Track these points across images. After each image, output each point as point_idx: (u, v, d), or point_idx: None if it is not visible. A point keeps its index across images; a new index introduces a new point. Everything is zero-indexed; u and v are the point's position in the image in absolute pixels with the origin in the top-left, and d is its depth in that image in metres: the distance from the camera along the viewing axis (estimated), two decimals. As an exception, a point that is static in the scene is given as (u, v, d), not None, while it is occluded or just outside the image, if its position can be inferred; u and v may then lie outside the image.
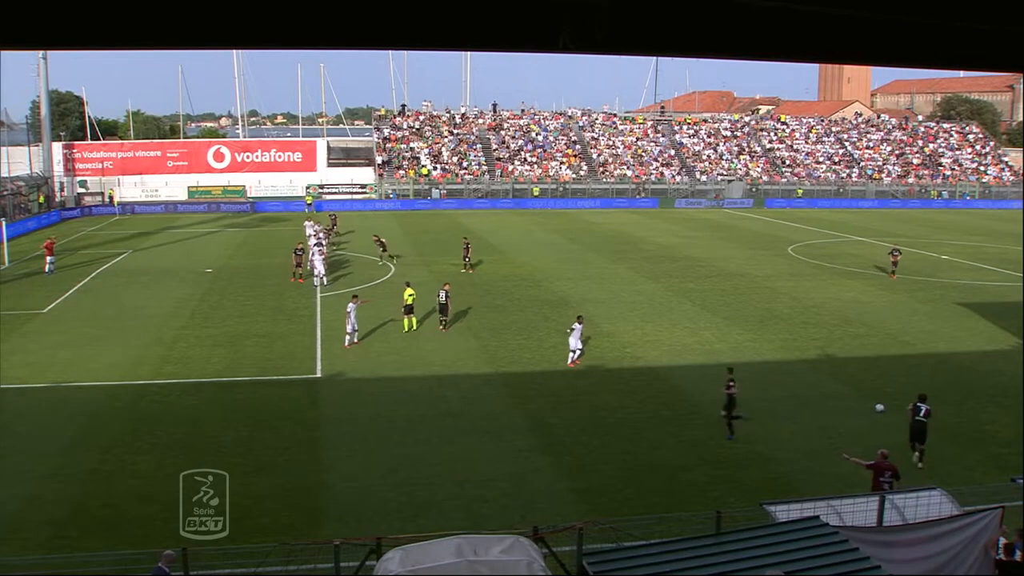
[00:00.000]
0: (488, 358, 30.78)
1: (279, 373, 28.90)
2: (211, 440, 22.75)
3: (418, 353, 31.37)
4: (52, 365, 29.82)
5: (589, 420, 24.53)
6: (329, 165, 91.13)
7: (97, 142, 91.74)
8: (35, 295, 41.77)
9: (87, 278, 46.35)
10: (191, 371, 29.08)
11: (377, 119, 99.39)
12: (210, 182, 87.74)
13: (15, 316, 37.49)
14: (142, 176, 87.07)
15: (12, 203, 71.27)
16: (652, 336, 33.81)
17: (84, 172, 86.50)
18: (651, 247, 58.57)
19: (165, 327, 35.32)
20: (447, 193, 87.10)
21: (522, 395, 26.67)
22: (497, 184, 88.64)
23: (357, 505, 19.12)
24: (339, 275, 46.36)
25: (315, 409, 25.45)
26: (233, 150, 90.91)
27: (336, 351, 31.53)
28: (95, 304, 40.05)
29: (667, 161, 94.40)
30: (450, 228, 65.86)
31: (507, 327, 35.24)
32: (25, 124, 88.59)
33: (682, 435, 23.52)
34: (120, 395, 26.72)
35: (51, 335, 34.23)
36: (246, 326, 35.45)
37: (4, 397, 26.57)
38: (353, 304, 32.50)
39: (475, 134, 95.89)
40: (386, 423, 24.09)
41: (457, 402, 25.99)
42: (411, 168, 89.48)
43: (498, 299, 40.65)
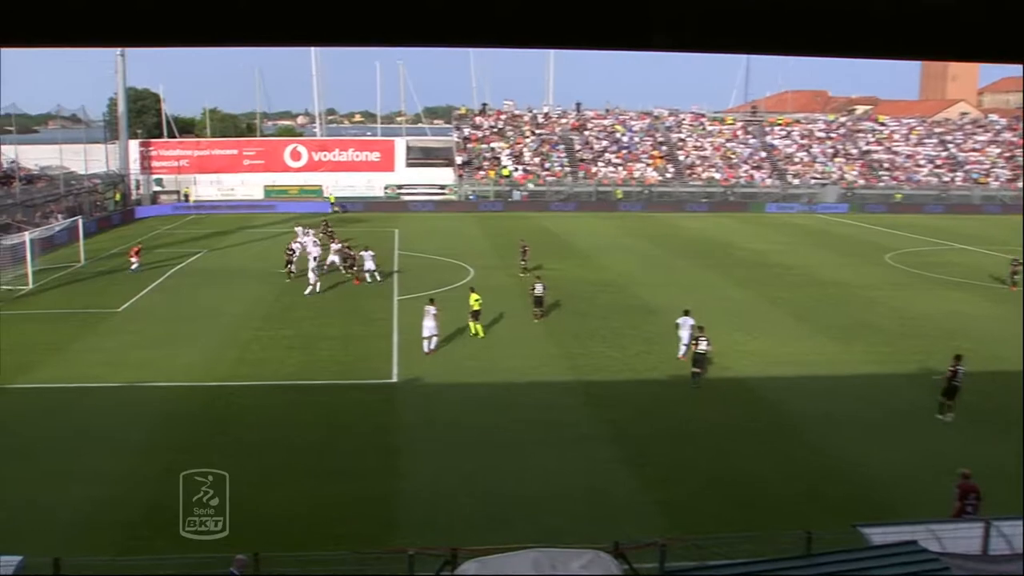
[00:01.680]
0: (569, 365, 30.81)
1: (354, 377, 29.35)
2: (285, 444, 23.20)
3: (498, 359, 31.55)
4: (128, 364, 30.76)
5: (674, 431, 24.39)
6: (408, 165, 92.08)
7: (174, 140, 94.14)
8: (111, 294, 43.09)
9: (162, 277, 47.65)
10: (266, 373, 29.72)
11: (457, 118, 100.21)
12: (287, 181, 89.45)
13: (91, 315, 38.75)
14: (218, 175, 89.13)
15: (89, 201, 73.67)
16: (741, 346, 33.46)
17: (160, 170, 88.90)
18: (741, 253, 57.97)
19: (240, 328, 36.15)
20: (529, 195, 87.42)
21: (604, 404, 26.64)
22: (580, 186, 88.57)
23: (432, 514, 19.29)
24: (413, 279, 46.86)
25: (391, 414, 25.79)
26: (310, 149, 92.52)
27: (413, 355, 31.88)
28: (170, 304, 41.18)
29: (758, 163, 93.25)
30: (532, 231, 65.97)
31: (590, 334, 35.22)
32: (103, 121, 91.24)
33: (771, 449, 23.24)
34: (195, 396, 27.45)
35: (126, 334, 35.29)
36: (321, 328, 36.07)
37: (80, 396, 27.49)
38: (432, 308, 32.91)
39: (558, 134, 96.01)
40: (463, 430, 24.31)
41: (537, 410, 26.08)
42: (492, 169, 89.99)
43: (581, 304, 40.63)
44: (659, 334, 35.02)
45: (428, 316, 32.46)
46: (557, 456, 22.55)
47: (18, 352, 32.27)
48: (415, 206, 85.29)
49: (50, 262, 51.25)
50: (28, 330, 36.01)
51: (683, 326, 31.54)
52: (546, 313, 38.37)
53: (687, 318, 31.69)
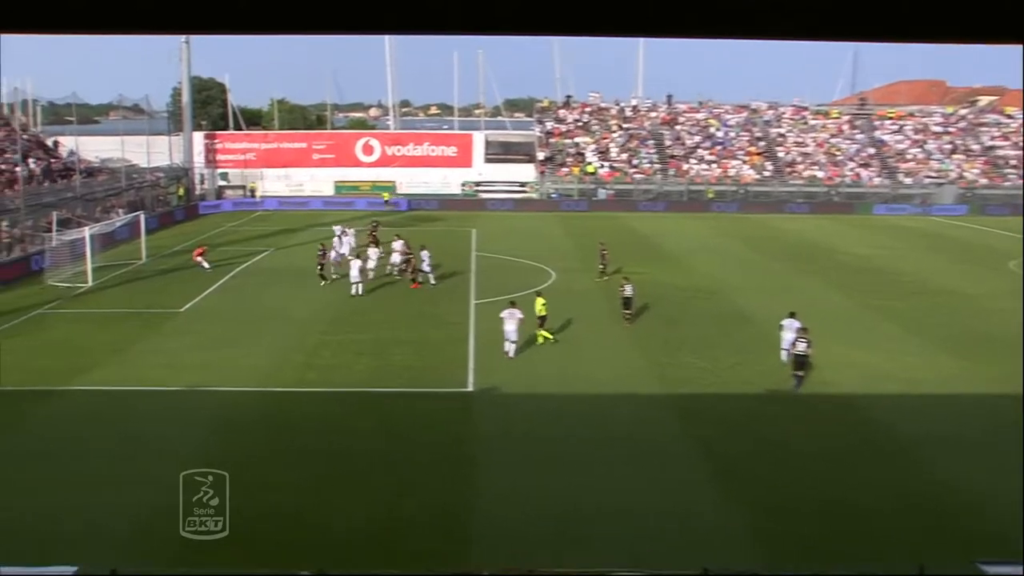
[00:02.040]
0: (657, 377, 30.63)
1: (428, 385, 29.55)
2: (354, 455, 23.44)
3: (580, 369, 31.49)
4: (188, 367, 31.42)
5: (770, 452, 24.07)
6: (486, 161, 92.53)
7: (240, 132, 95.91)
8: (173, 293, 44.08)
9: (226, 277, 48.60)
10: (334, 379, 30.10)
11: (539, 111, 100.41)
12: (358, 177, 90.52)
13: (152, 315, 39.69)
14: (286, 169, 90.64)
15: (151, 196, 75.45)
16: (845, 359, 32.87)
17: (226, 164, 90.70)
18: (845, 257, 57.04)
19: (307, 331, 36.67)
20: (615, 194, 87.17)
21: (695, 420, 26.42)
22: (670, 184, 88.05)
23: (509, 533, 19.31)
24: (489, 281, 47.01)
25: (466, 425, 25.90)
26: (383, 143, 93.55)
27: (490, 363, 32.00)
28: (234, 305, 41.98)
29: (865, 161, 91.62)
30: (617, 232, 65.75)
31: (679, 343, 34.99)
32: (166, 112, 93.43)
33: (878, 474, 22.76)
34: (259, 402, 27.90)
35: (188, 335, 36.05)
36: (393, 332, 36.41)
37: (139, 399, 28.15)
38: (512, 312, 33.07)
39: (647, 129, 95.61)
40: (543, 444, 24.29)
41: (622, 424, 25.97)
42: (576, 166, 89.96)
43: (671, 311, 40.39)
44: (754, 344, 34.69)
45: (511, 320, 32.79)
46: (642, 474, 22.41)
47: (76, 353, 33.21)
48: (493, 204, 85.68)
49: (110, 259, 52.61)
50: (86, 330, 37.01)
51: (787, 328, 31.49)
52: (635, 317, 38.46)
53: (793, 320, 31.68)
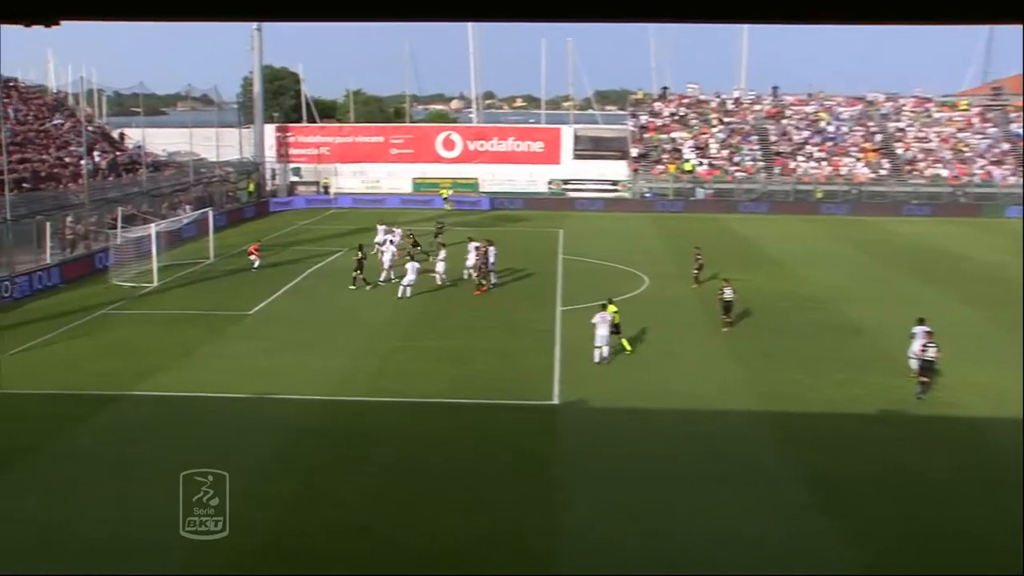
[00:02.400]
0: (758, 392, 30.33)
1: (510, 396, 29.63)
2: (428, 469, 23.62)
3: (674, 382, 31.33)
4: (256, 373, 31.95)
5: (882, 477, 23.60)
6: (575, 157, 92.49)
7: (313, 125, 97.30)
8: (241, 294, 44.89)
9: (298, 278, 49.33)
10: (410, 389, 30.31)
11: (633, 104, 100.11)
12: (438, 173, 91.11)
13: (219, 317, 40.46)
14: (362, 164, 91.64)
15: (220, 191, 76.84)
16: (971, 378, 32.13)
17: (298, 158, 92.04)
18: (972, 265, 55.81)
19: (382, 337, 37.05)
20: (714, 194, 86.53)
21: (799, 440, 26.07)
22: (775, 184, 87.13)
23: (594, 556, 19.27)
24: (577, 287, 47.00)
25: (550, 440, 25.91)
26: (465, 137, 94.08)
27: (577, 374, 31.99)
28: (305, 307, 42.60)
29: (998, 158, 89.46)
30: (716, 235, 65.23)
31: (783, 356, 34.61)
32: (236, 103, 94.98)
33: (1009, 508, 22.19)
34: (329, 411, 28.29)
35: (256, 340, 36.67)
36: (474, 340, 36.62)
37: (203, 406, 28.71)
38: (604, 316, 33.12)
39: (750, 123, 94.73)
40: (631, 461, 24.20)
41: (718, 443, 25.76)
42: (672, 163, 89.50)
43: (773, 321, 39.99)
44: (865, 359, 34.16)
45: (602, 323, 33.04)
46: (739, 497, 22.19)
47: (139, 356, 34.00)
48: (582, 204, 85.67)
49: (177, 258, 53.76)
50: (151, 332, 37.87)
51: (917, 336, 31.49)
52: (735, 322, 38.45)
53: (922, 327, 31.73)
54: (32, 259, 47.42)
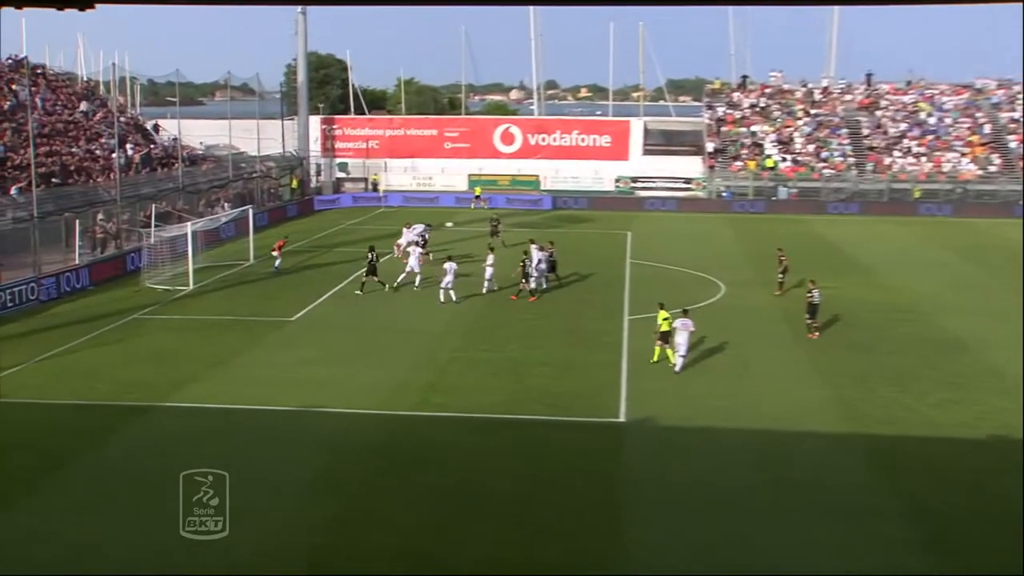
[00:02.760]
0: (847, 413, 29.91)
1: (572, 413, 29.48)
2: (483, 491, 23.56)
3: (753, 399, 31.03)
4: (298, 384, 32.07)
5: (996, 511, 23.05)
6: (645, 152, 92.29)
7: (362, 116, 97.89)
8: (283, 299, 45.19)
9: (344, 281, 49.56)
10: (464, 403, 30.31)
11: (709, 94, 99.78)
12: (496, 169, 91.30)
13: (259, 323, 40.76)
14: (414, 160, 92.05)
15: (261, 188, 77.43)
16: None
17: (345, 153, 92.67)
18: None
19: (436, 347, 37.09)
20: (799, 193, 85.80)
21: (894, 467, 25.65)
22: (868, 182, 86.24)
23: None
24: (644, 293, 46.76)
25: (615, 462, 25.74)
26: (526, 130, 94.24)
27: (645, 389, 31.79)
28: (352, 314, 42.79)
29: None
30: (802, 239, 64.66)
31: (875, 373, 34.12)
32: (279, 93, 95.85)
33: None
34: (377, 427, 28.30)
35: (299, 348, 36.85)
36: (533, 351, 36.54)
37: (241, 420, 28.87)
38: (685, 322, 33.42)
39: (840, 115, 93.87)
40: (705, 488, 23.95)
41: (803, 469, 25.41)
42: (752, 159, 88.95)
43: (864, 335, 39.49)
44: (970, 377, 33.60)
45: (683, 330, 33.31)
46: (828, 531, 21.85)
47: (173, 364, 34.30)
48: (653, 204, 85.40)
49: (214, 259, 54.30)
50: (185, 339, 38.21)
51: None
52: (821, 328, 38.51)
53: None
54: (60, 259, 47.96)
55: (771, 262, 49.03)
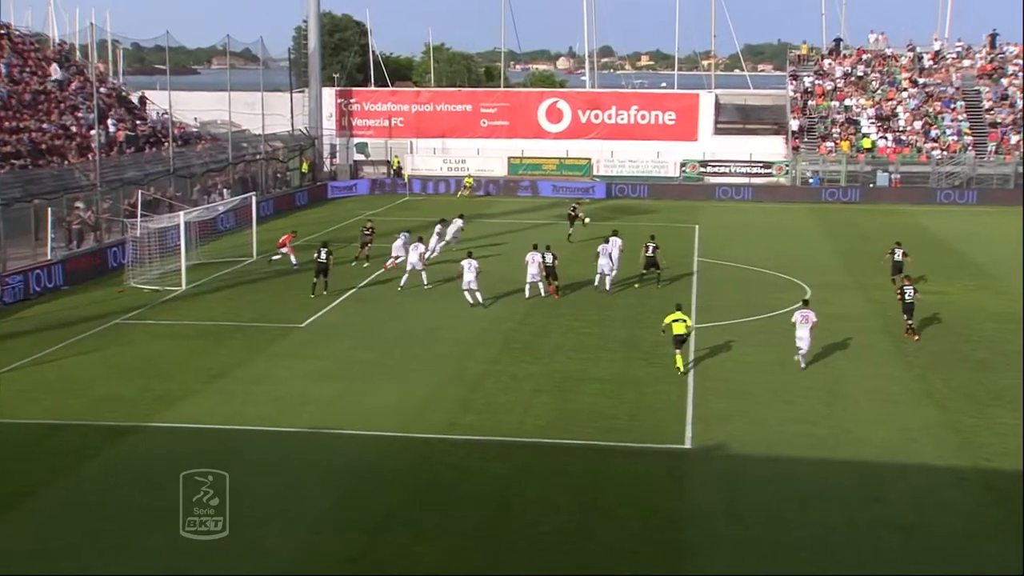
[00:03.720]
0: (960, 442, 29.64)
1: (628, 438, 29.40)
2: (524, 527, 23.51)
3: (845, 424, 30.86)
4: (308, 401, 32.24)
5: None
6: (716, 132, 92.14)
7: (384, 89, 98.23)
8: (290, 302, 45.50)
9: (362, 283, 49.89)
10: (501, 425, 30.32)
11: (794, 62, 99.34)
12: (541, 151, 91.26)
13: (263, 330, 41.03)
14: (443, 140, 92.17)
15: (266, 172, 77.66)
16: None
17: (364, 131, 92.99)
18: None
19: (468, 359, 37.19)
20: (902, 179, 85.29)
21: (1018, 508, 25.26)
22: (988, 165, 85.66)
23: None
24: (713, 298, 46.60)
25: (679, 496, 25.68)
26: (575, 106, 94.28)
27: (715, 411, 31.76)
28: (371, 320, 43.01)
29: None
30: (904, 233, 64.13)
31: (995, 396, 33.78)
32: (286, 60, 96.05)
33: None
34: (399, 452, 28.36)
35: (309, 359, 37.01)
36: (584, 364, 36.53)
37: (240, 442, 28.95)
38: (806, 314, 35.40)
39: (956, 84, 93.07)
40: (784, 529, 23.83)
41: (906, 508, 25.17)
42: (845, 139, 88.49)
43: (981, 350, 39.18)
44: (1109, 402, 33.14)
45: (803, 324, 35.64)
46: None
47: (161, 378, 34.53)
48: (725, 192, 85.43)
49: (211, 254, 54.71)
50: (176, 348, 38.48)
51: None
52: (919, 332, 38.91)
53: None
54: (28, 254, 48.39)
55: (866, 261, 48.78)
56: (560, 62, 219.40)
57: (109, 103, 74.32)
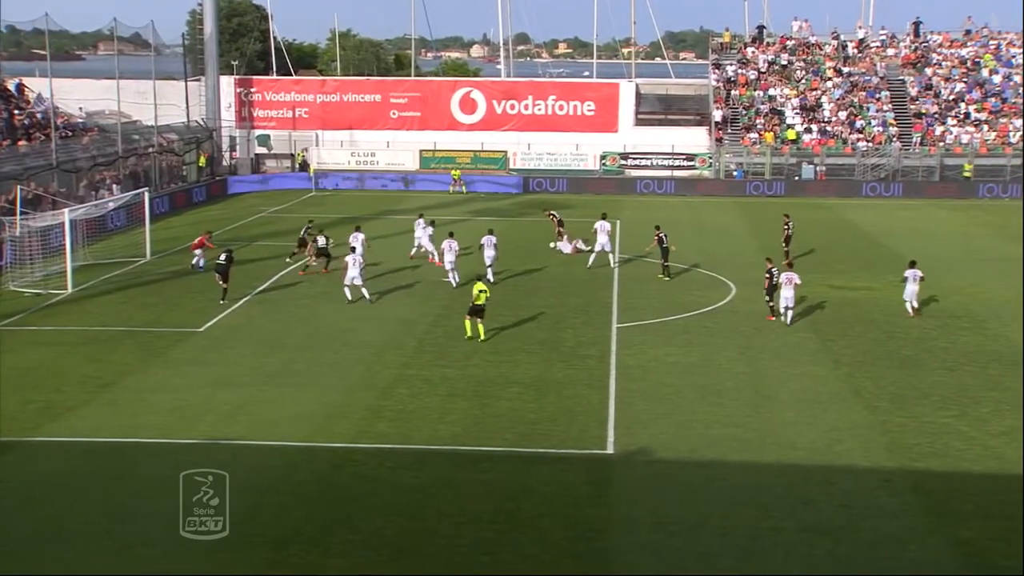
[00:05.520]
0: (887, 443, 30.02)
1: (549, 444, 29.50)
2: (439, 540, 23.50)
3: (768, 425, 31.19)
4: (208, 411, 32.00)
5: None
6: (638, 123, 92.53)
7: (287, 78, 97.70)
8: (187, 306, 45.13)
9: (265, 283, 49.58)
10: (414, 432, 30.27)
11: (717, 50, 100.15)
12: (454, 143, 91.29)
13: (159, 335, 40.62)
14: (351, 132, 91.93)
15: (159, 165, 76.90)
16: None
17: (266, 123, 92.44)
18: None
19: (379, 363, 37.12)
20: (827, 172, 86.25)
21: (946, 510, 25.70)
22: (913, 157, 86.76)
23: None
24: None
25: (601, 504, 25.76)
26: (491, 96, 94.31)
27: (639, 414, 31.91)
28: (276, 323, 42.79)
29: None
30: (831, 227, 65.05)
31: (923, 393, 34.30)
32: (180, 47, 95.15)
33: None
34: (306, 463, 28.22)
35: (209, 366, 36.76)
36: (501, 368, 36.59)
37: (134, 455, 28.66)
38: (791, 276, 38.31)
39: (880, 73, 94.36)
40: (713, 534, 24.01)
41: (833, 512, 25.47)
42: (769, 130, 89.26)
43: (907, 347, 39.73)
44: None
45: (787, 286, 41.38)
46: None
47: (45, 388, 34.07)
48: (647, 185, 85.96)
49: (100, 254, 54.03)
50: (62, 356, 37.99)
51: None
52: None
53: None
54: None
55: (794, 258, 49.13)
56: (474, 50, 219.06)
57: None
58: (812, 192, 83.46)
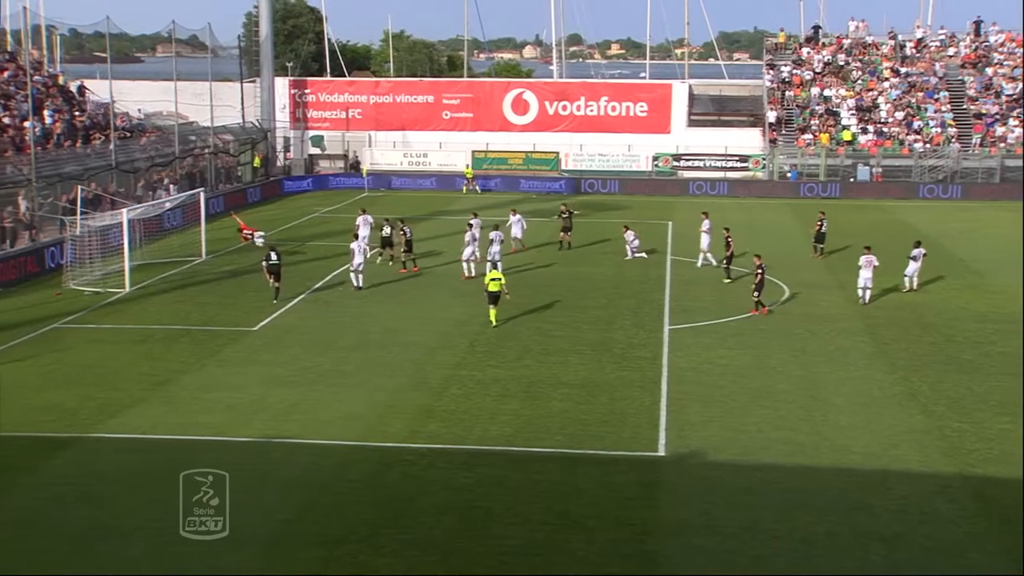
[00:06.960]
0: (946, 448, 29.78)
1: (600, 446, 29.47)
2: (489, 541, 23.51)
3: (823, 429, 30.97)
4: (261, 410, 32.15)
5: None
6: (691, 124, 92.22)
7: (341, 79, 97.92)
8: (243, 305, 45.36)
9: (318, 283, 49.73)
10: (465, 433, 30.30)
11: (771, 50, 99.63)
12: (506, 144, 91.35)
13: (213, 334, 40.85)
14: (404, 133, 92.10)
15: (215, 166, 77.31)
16: None
17: (320, 124, 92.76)
18: None
19: (431, 363, 37.16)
20: (884, 173, 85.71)
21: (1009, 517, 25.44)
22: (973, 158, 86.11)
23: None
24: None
25: (652, 506, 25.70)
26: (543, 97, 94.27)
27: (691, 417, 31.81)
28: (328, 324, 42.88)
29: None
30: (887, 230, 64.53)
31: (981, 398, 33.99)
32: (236, 48, 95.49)
33: None
34: (358, 462, 28.28)
35: (262, 365, 36.92)
36: (553, 368, 36.55)
37: (190, 453, 28.56)
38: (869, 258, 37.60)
39: (939, 73, 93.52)
40: (766, 537, 23.92)
41: (889, 518, 25.26)
42: (823, 130, 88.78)
43: (965, 351, 39.41)
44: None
45: (866, 268, 44.44)
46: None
47: (104, 385, 34.35)
48: (700, 187, 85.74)
49: (157, 254, 54.39)
50: (120, 354, 38.26)
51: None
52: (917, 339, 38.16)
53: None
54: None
55: (846, 260, 48.83)
56: (526, 51, 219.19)
57: (45, 93, 73.79)
58: (868, 194, 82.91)
